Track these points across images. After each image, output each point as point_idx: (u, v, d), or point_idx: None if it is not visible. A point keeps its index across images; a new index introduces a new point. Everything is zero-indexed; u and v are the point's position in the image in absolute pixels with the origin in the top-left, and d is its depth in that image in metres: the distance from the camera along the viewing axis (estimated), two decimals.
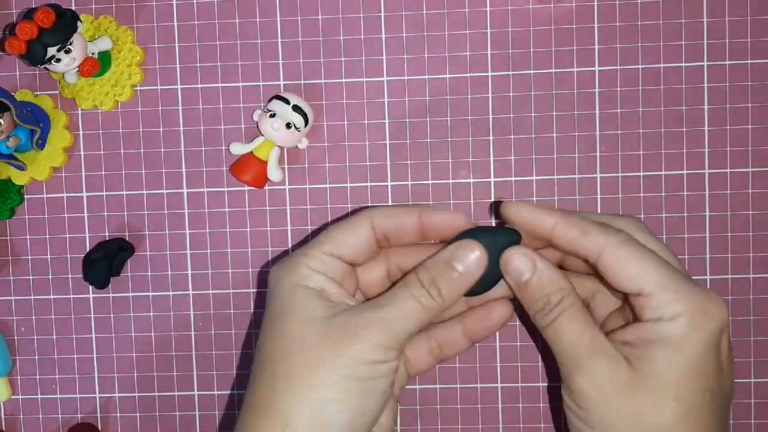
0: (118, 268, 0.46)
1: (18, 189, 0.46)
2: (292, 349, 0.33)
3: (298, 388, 0.33)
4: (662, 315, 0.33)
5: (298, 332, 0.34)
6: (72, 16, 0.43)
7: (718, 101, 0.44)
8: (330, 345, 0.33)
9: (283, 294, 0.35)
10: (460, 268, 0.34)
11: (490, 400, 0.46)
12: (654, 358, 0.33)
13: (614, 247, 0.34)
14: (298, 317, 0.34)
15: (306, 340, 0.33)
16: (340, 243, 0.36)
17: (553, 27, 0.44)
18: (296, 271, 0.35)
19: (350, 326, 0.33)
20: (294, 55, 0.45)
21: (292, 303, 0.34)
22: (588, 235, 0.34)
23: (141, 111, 0.46)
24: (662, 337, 0.33)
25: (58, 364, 0.47)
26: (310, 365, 0.33)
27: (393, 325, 0.33)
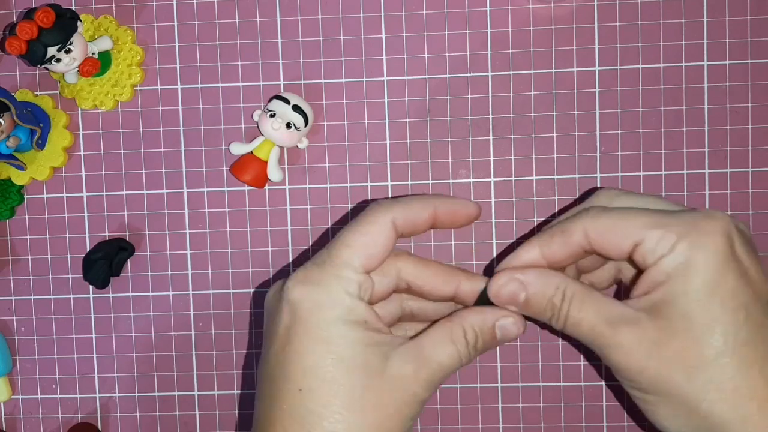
0: (118, 268, 0.46)
1: (18, 189, 0.46)
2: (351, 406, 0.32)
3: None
4: (661, 252, 0.32)
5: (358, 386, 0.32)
6: (72, 16, 0.43)
7: (718, 101, 0.44)
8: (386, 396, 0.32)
9: (330, 332, 0.32)
10: (499, 335, 0.34)
11: (491, 399, 0.46)
12: (671, 297, 0.32)
13: (591, 223, 0.34)
14: (354, 367, 0.32)
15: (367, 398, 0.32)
16: (369, 254, 0.34)
17: (553, 27, 0.44)
18: (337, 303, 0.33)
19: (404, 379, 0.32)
20: (294, 55, 0.45)
21: (345, 347, 0.32)
22: (567, 233, 0.34)
23: (141, 111, 0.46)
24: (669, 273, 0.32)
25: (58, 364, 0.47)
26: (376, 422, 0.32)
27: (436, 379, 0.33)
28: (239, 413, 0.47)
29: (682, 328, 0.32)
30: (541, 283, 0.34)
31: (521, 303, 0.34)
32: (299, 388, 0.32)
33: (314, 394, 0.32)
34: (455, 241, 0.45)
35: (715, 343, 0.31)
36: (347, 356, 0.32)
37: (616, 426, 0.45)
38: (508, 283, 0.34)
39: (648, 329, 0.32)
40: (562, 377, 0.45)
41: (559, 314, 0.34)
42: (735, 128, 0.44)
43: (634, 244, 0.33)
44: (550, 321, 0.34)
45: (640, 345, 0.32)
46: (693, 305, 0.32)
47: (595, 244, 0.34)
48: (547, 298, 0.34)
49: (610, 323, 0.33)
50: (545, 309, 0.34)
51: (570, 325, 0.34)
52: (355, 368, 0.32)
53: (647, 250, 0.33)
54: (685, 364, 0.32)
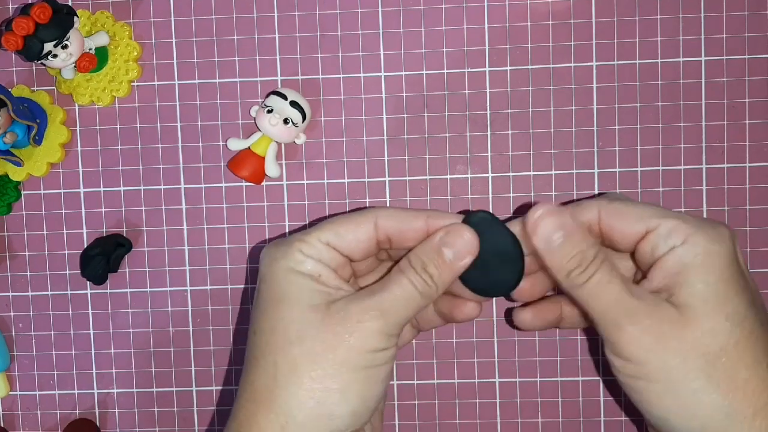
0: (115, 264, 0.46)
1: (15, 185, 0.46)
2: (292, 338, 0.33)
3: (302, 379, 0.32)
4: (674, 242, 0.33)
5: (297, 320, 0.33)
6: (69, 12, 0.43)
7: (716, 96, 0.44)
8: (331, 334, 0.32)
9: (278, 278, 0.34)
10: (449, 255, 0.34)
11: (488, 394, 0.46)
12: (691, 285, 0.32)
13: (606, 205, 0.34)
14: (296, 304, 0.33)
15: (306, 329, 0.33)
16: (340, 236, 0.35)
17: (551, 22, 0.44)
18: (291, 256, 0.34)
19: (350, 314, 0.33)
20: (291, 51, 0.45)
21: (289, 288, 0.33)
22: (581, 207, 0.34)
23: (138, 107, 0.46)
24: (686, 264, 0.32)
25: (56, 360, 0.47)
26: (312, 355, 0.32)
27: (392, 311, 0.33)
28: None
29: (703, 315, 0.32)
30: (580, 234, 0.33)
31: (556, 242, 0.33)
32: (254, 331, 0.34)
33: (261, 332, 0.34)
34: None
35: (733, 333, 0.32)
36: (290, 296, 0.33)
37: (613, 420, 0.45)
38: (551, 216, 0.33)
39: (669, 311, 0.32)
40: (560, 372, 0.45)
41: (584, 271, 0.33)
42: (732, 123, 0.44)
43: (647, 230, 0.33)
44: (568, 275, 0.33)
45: (662, 324, 0.32)
46: (713, 295, 0.32)
47: (607, 224, 0.34)
48: (579, 249, 0.33)
49: (635, 295, 0.33)
50: (573, 258, 0.33)
51: (589, 286, 0.33)
52: (299, 308, 0.33)
53: (660, 237, 0.33)
54: (699, 353, 0.32)
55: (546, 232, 0.33)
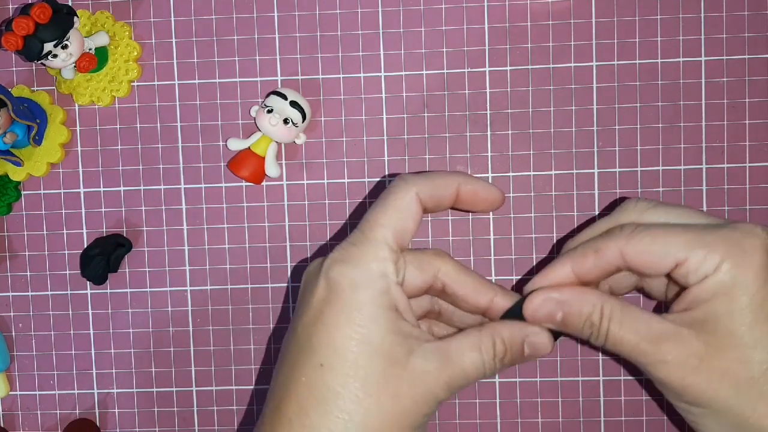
0: (115, 264, 0.46)
1: (15, 185, 0.46)
2: (369, 390, 0.32)
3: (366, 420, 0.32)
4: (706, 272, 0.32)
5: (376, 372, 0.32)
6: (69, 12, 0.43)
7: (716, 96, 0.44)
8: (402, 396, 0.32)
9: (363, 312, 0.32)
10: (528, 352, 0.34)
11: (488, 394, 0.46)
12: (717, 315, 0.32)
13: (627, 243, 0.33)
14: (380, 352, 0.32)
15: (384, 386, 0.32)
16: (401, 230, 0.34)
17: (551, 22, 0.44)
18: (374, 284, 0.33)
19: (425, 379, 0.32)
20: (291, 51, 0.45)
21: (374, 330, 0.32)
22: (601, 252, 0.34)
23: (138, 107, 0.46)
24: (715, 292, 0.32)
25: (56, 360, 0.47)
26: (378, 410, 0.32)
27: (455, 384, 0.33)
28: (237, 409, 0.47)
29: (728, 344, 0.32)
30: (578, 302, 0.33)
31: (559, 322, 0.34)
32: (321, 363, 0.32)
33: (334, 371, 0.32)
34: (452, 237, 0.45)
35: (763, 359, 0.32)
36: (373, 340, 0.32)
37: (613, 421, 0.45)
38: (545, 303, 0.34)
39: (692, 345, 0.32)
40: (560, 372, 0.45)
41: (599, 332, 0.33)
42: (732, 123, 0.44)
43: (676, 263, 0.33)
44: (590, 338, 0.34)
45: (686, 360, 0.32)
46: (739, 323, 0.32)
47: (632, 263, 0.33)
48: (584, 317, 0.33)
49: (652, 340, 0.33)
50: (584, 327, 0.34)
51: (611, 343, 0.33)
52: (379, 354, 0.32)
53: (690, 270, 0.32)
54: (733, 380, 0.32)
55: (546, 316, 0.34)
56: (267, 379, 0.46)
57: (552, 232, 0.45)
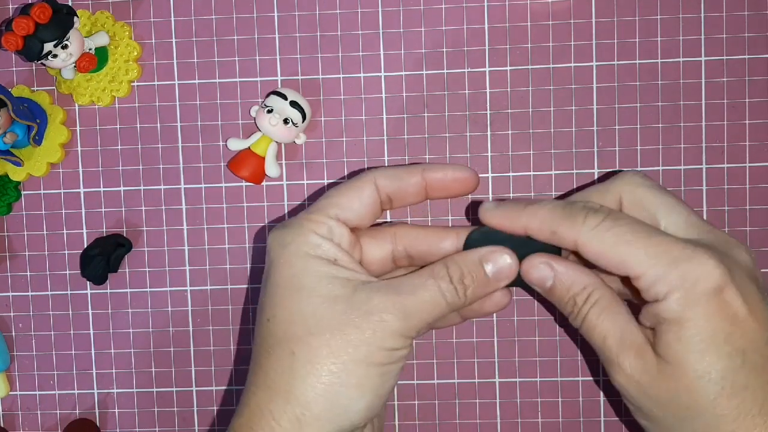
0: (115, 264, 0.46)
1: (15, 185, 0.46)
2: (311, 329, 0.32)
3: (320, 372, 0.32)
4: (657, 295, 0.31)
5: (317, 311, 0.32)
6: (69, 12, 0.43)
7: (716, 96, 0.44)
8: (352, 328, 0.32)
9: (293, 265, 0.33)
10: (490, 270, 0.34)
11: (488, 394, 0.46)
12: (668, 340, 0.31)
13: (586, 236, 0.32)
14: (316, 294, 0.32)
15: (326, 321, 0.32)
16: (346, 207, 0.34)
17: (551, 22, 0.44)
18: (305, 239, 0.33)
19: (373, 309, 0.32)
20: (291, 51, 0.45)
21: (306, 276, 0.33)
22: (557, 234, 0.33)
23: (138, 107, 0.46)
24: (665, 318, 0.31)
25: (56, 360, 0.47)
26: (331, 348, 0.32)
27: (415, 316, 0.32)
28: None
29: (678, 374, 0.31)
30: (571, 277, 0.34)
31: (547, 288, 0.34)
32: (268, 318, 0.33)
33: (277, 320, 0.33)
34: None
35: (709, 390, 0.31)
36: (308, 284, 0.32)
37: (613, 421, 0.45)
38: (541, 265, 0.34)
39: (650, 363, 0.32)
40: (560, 372, 0.45)
41: (578, 313, 0.34)
42: (732, 123, 0.44)
43: (630, 275, 0.32)
44: (569, 316, 0.34)
45: (642, 374, 0.32)
46: (686, 354, 0.31)
47: (587, 257, 0.33)
48: (571, 294, 0.34)
49: (620, 343, 0.33)
50: (567, 303, 0.34)
51: (585, 327, 0.34)
52: (319, 297, 0.32)
53: (644, 288, 0.32)
54: (681, 408, 0.32)
55: (536, 278, 0.34)
56: None
57: None
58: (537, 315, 0.45)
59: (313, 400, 0.32)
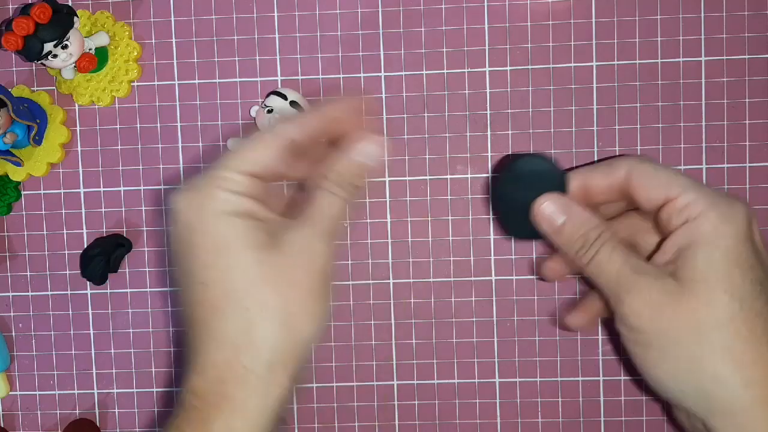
0: (115, 264, 0.46)
1: (15, 185, 0.46)
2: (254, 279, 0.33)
3: (275, 314, 0.33)
4: (689, 215, 0.35)
5: (252, 262, 0.33)
6: (69, 12, 0.43)
7: (716, 96, 0.44)
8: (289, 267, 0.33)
9: (212, 225, 0.33)
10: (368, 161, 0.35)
11: (488, 394, 0.46)
12: (694, 260, 0.34)
13: (637, 166, 0.36)
14: (244, 248, 0.33)
15: (264, 269, 0.33)
16: (255, 161, 0.34)
17: (551, 22, 0.44)
18: (218, 197, 0.33)
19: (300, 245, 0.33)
20: (291, 51, 0.45)
21: (229, 233, 0.33)
22: (612, 167, 0.37)
23: (138, 107, 0.46)
24: (695, 238, 0.34)
25: (56, 360, 0.47)
26: (278, 290, 0.33)
27: (334, 230, 0.34)
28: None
29: (702, 289, 0.34)
30: (583, 217, 0.36)
31: (557, 226, 0.37)
32: (201, 281, 0.33)
33: (214, 281, 0.33)
34: (452, 237, 0.45)
35: (731, 307, 0.33)
36: (235, 241, 0.33)
37: (613, 421, 0.45)
38: (554, 203, 0.37)
39: (668, 284, 0.34)
40: (560, 372, 0.45)
41: (587, 250, 0.36)
42: (732, 123, 0.44)
43: (666, 198, 0.35)
44: (577, 253, 0.36)
45: (661, 294, 0.34)
46: (715, 270, 0.34)
47: (633, 185, 0.36)
48: (582, 232, 0.36)
49: (634, 270, 0.35)
50: (576, 241, 0.36)
51: (595, 264, 0.36)
52: (248, 249, 0.33)
53: (677, 209, 0.35)
54: (699, 323, 0.34)
55: (548, 215, 0.37)
56: None
57: None
58: (537, 315, 0.45)
59: (278, 342, 0.33)
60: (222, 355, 0.33)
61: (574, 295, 0.45)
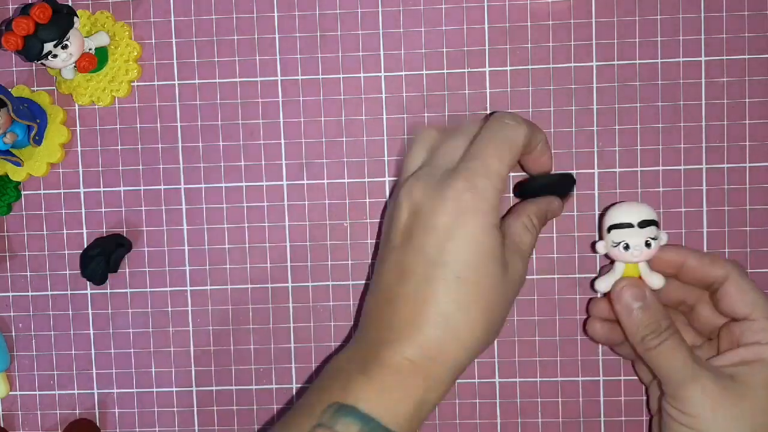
0: (115, 264, 0.46)
1: (15, 185, 0.46)
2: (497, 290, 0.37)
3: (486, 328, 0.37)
4: (760, 339, 0.39)
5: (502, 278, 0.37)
6: (69, 12, 0.43)
7: (716, 96, 0.44)
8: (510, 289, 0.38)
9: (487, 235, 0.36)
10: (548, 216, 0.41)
11: (488, 394, 0.46)
12: (752, 375, 0.39)
13: (736, 276, 0.40)
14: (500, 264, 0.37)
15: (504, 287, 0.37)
16: (510, 167, 0.38)
17: (551, 22, 0.44)
18: (494, 211, 0.37)
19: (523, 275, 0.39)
20: (291, 51, 0.45)
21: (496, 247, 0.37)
22: (715, 264, 0.40)
23: (138, 107, 0.46)
24: (760, 358, 0.39)
25: (56, 360, 0.47)
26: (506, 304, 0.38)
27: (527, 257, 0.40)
28: (237, 409, 0.47)
29: (749, 399, 0.38)
30: (656, 307, 0.40)
31: (633, 309, 0.40)
32: (458, 275, 0.36)
33: (470, 282, 0.36)
34: None
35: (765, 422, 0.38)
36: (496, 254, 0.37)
37: (613, 421, 0.45)
38: (634, 288, 0.40)
39: (728, 385, 0.38)
40: (560, 372, 0.45)
41: (656, 338, 0.39)
42: (732, 123, 0.44)
43: (746, 316, 0.40)
44: (644, 338, 0.39)
45: (718, 392, 0.38)
46: (765, 389, 0.38)
47: (724, 290, 0.40)
48: (654, 320, 0.39)
49: (698, 363, 0.39)
50: (645, 327, 0.39)
51: (658, 352, 0.39)
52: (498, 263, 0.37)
53: (752, 330, 0.40)
54: (749, 422, 0.38)
55: (626, 301, 0.40)
56: (267, 379, 0.46)
57: (552, 233, 0.45)
58: (537, 315, 0.45)
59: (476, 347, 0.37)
60: (444, 340, 0.36)
61: (573, 295, 0.45)
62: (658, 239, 0.40)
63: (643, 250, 0.40)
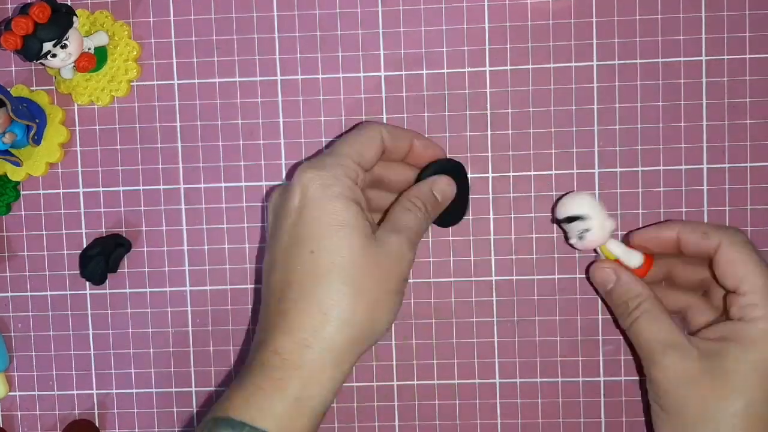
0: (114, 265, 0.46)
1: (14, 185, 0.46)
2: (357, 262, 0.36)
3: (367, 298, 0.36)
4: (744, 315, 0.38)
5: (359, 247, 0.36)
6: (68, 11, 0.43)
7: (717, 96, 0.44)
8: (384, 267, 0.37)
9: (336, 204, 0.36)
10: (439, 197, 0.41)
11: (488, 395, 0.46)
12: (725, 353, 0.38)
13: (726, 247, 0.39)
14: (357, 233, 0.36)
15: (366, 258, 0.36)
16: (364, 155, 0.38)
17: (552, 22, 0.44)
18: (344, 182, 0.37)
19: (394, 247, 0.37)
20: (291, 51, 0.45)
21: (348, 216, 0.36)
22: (707, 235, 0.39)
23: (137, 106, 0.46)
24: (738, 336, 0.38)
25: (55, 360, 0.47)
26: (375, 278, 0.36)
27: (415, 241, 0.39)
28: None
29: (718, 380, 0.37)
30: (628, 285, 0.41)
31: (606, 289, 0.42)
32: (311, 250, 0.36)
33: (324, 252, 0.36)
34: (452, 237, 0.45)
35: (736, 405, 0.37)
36: (350, 223, 0.36)
37: (613, 421, 0.45)
38: (608, 270, 0.42)
39: (693, 365, 0.38)
40: (560, 373, 0.45)
41: (628, 316, 0.40)
42: (733, 123, 0.44)
43: (736, 289, 0.38)
44: (620, 317, 0.41)
45: (681, 373, 0.38)
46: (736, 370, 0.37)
47: (715, 261, 0.39)
48: (625, 299, 0.41)
49: (664, 343, 0.38)
50: (620, 305, 0.41)
51: (633, 328, 0.40)
52: (361, 234, 0.36)
53: (738, 305, 0.38)
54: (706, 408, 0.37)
55: (602, 280, 0.42)
56: None
57: (552, 233, 0.45)
58: (537, 315, 0.45)
59: (362, 326, 0.36)
60: (311, 321, 0.36)
61: (573, 296, 0.45)
62: (590, 229, 0.41)
63: (586, 241, 0.41)
